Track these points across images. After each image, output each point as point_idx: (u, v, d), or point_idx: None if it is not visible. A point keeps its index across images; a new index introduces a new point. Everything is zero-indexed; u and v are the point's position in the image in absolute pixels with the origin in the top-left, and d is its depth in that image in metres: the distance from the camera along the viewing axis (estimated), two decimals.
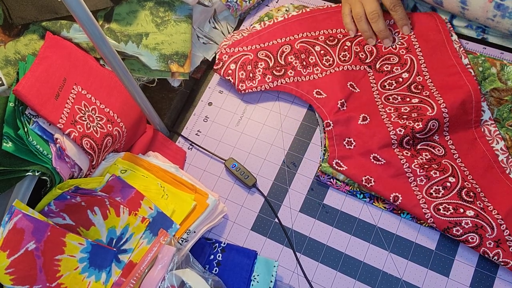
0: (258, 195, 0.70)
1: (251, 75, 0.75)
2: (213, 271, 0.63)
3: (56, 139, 0.58)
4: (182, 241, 0.61)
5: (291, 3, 0.84)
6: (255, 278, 0.62)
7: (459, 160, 0.67)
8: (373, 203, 0.66)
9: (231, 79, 0.75)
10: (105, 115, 0.65)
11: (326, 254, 0.65)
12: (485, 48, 0.76)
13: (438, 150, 0.67)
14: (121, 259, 0.58)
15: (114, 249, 0.58)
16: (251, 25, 0.83)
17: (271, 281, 0.61)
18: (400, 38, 0.76)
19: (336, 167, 0.67)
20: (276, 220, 0.68)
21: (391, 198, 0.64)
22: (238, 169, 0.71)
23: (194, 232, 0.63)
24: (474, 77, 0.70)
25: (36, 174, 0.56)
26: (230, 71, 0.76)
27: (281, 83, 0.75)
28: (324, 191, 0.69)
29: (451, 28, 0.76)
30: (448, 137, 0.69)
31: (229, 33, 0.84)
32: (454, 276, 0.62)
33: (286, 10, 0.83)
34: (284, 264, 0.65)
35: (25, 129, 0.57)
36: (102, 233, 0.59)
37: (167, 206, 0.62)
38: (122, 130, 0.67)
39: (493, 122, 0.69)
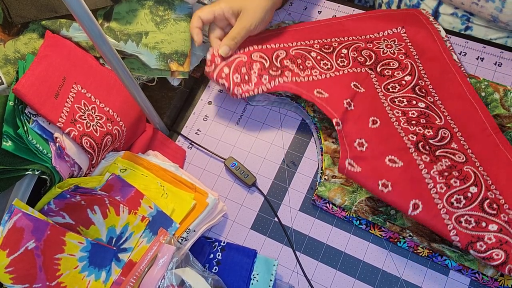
0: (257, 194, 0.70)
1: (246, 77, 0.70)
2: (213, 270, 0.63)
3: (56, 138, 0.58)
4: (182, 240, 0.61)
5: (292, 20, 0.83)
6: (254, 277, 0.62)
7: (481, 168, 0.62)
8: (369, 231, 0.65)
9: (225, 83, 0.70)
10: (104, 114, 0.65)
11: (326, 253, 0.65)
12: (484, 47, 0.76)
13: (459, 157, 0.62)
14: (121, 258, 0.58)
15: (114, 248, 0.58)
16: None
17: (270, 280, 0.61)
18: (398, 45, 0.75)
19: (349, 167, 0.61)
20: (276, 219, 0.68)
21: (410, 205, 0.58)
22: (238, 168, 0.71)
23: (194, 231, 0.63)
24: (474, 89, 0.69)
25: (36, 173, 0.56)
26: (224, 75, 0.71)
27: (279, 82, 0.70)
28: None
29: (447, 40, 0.75)
30: (467, 145, 0.64)
31: None
32: (454, 276, 0.62)
33: None
34: (284, 263, 0.65)
35: (25, 128, 0.57)
36: (102, 232, 0.59)
37: (167, 205, 0.62)
38: (122, 129, 0.67)
39: None
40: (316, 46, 0.76)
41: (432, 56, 0.73)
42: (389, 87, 0.70)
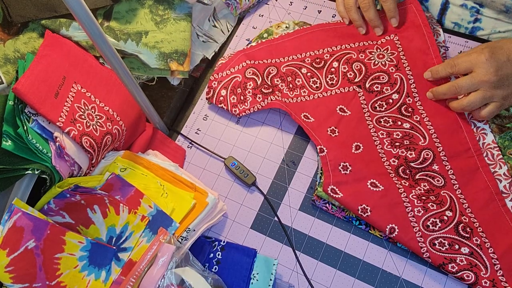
0: (257, 194, 0.70)
1: (242, 97, 0.74)
2: (213, 270, 0.63)
3: (56, 137, 0.58)
4: (182, 239, 0.61)
5: (292, 20, 0.83)
6: (254, 277, 0.62)
7: (459, 192, 0.65)
8: (369, 231, 0.65)
9: (223, 106, 0.74)
10: (104, 113, 0.65)
11: (326, 252, 0.65)
12: None
13: (438, 181, 0.65)
14: (121, 258, 0.58)
15: (114, 247, 0.58)
16: (249, 41, 0.82)
17: (270, 280, 0.61)
18: (390, 54, 0.75)
19: (331, 193, 0.65)
20: (276, 218, 0.68)
21: (387, 229, 0.62)
22: (238, 167, 0.71)
23: (194, 230, 0.63)
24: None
25: (36, 172, 0.56)
26: (221, 98, 0.75)
27: (271, 100, 0.73)
28: None
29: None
30: (449, 166, 0.66)
31: (228, 31, 0.84)
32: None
33: (286, 27, 0.82)
34: (284, 262, 0.65)
35: (25, 128, 0.56)
36: (101, 232, 0.59)
37: (166, 204, 0.62)
38: (122, 129, 0.67)
39: (496, 145, 0.66)
40: (308, 60, 0.77)
41: (424, 67, 0.73)
42: (376, 105, 0.72)
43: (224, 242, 0.66)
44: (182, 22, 0.75)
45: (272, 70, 0.76)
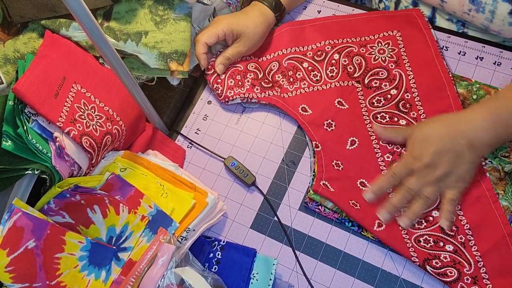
0: (257, 194, 0.70)
1: (240, 83, 0.75)
2: (213, 269, 0.63)
3: (56, 137, 0.58)
4: (182, 239, 0.61)
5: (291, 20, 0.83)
6: (254, 276, 0.62)
7: None
8: (362, 232, 0.65)
9: (219, 87, 0.75)
10: (104, 113, 0.65)
11: (325, 252, 0.65)
12: (484, 47, 0.76)
13: None
14: (121, 257, 0.58)
15: (114, 247, 0.58)
16: None
17: (270, 279, 0.61)
18: (390, 50, 0.75)
19: (323, 187, 0.66)
20: (276, 218, 0.68)
21: (376, 223, 0.63)
22: (238, 167, 0.71)
23: (194, 230, 0.63)
24: (461, 103, 0.70)
25: (36, 172, 0.56)
26: (219, 80, 0.76)
27: (269, 94, 0.74)
28: None
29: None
30: None
31: None
32: None
33: None
34: (284, 262, 0.65)
35: (25, 128, 0.57)
36: (101, 231, 0.59)
37: (166, 204, 0.62)
38: (122, 129, 0.67)
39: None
40: (309, 54, 0.78)
41: (424, 64, 0.74)
42: (374, 101, 0.73)
43: (224, 242, 0.66)
44: (182, 22, 0.75)
45: (274, 66, 0.77)
